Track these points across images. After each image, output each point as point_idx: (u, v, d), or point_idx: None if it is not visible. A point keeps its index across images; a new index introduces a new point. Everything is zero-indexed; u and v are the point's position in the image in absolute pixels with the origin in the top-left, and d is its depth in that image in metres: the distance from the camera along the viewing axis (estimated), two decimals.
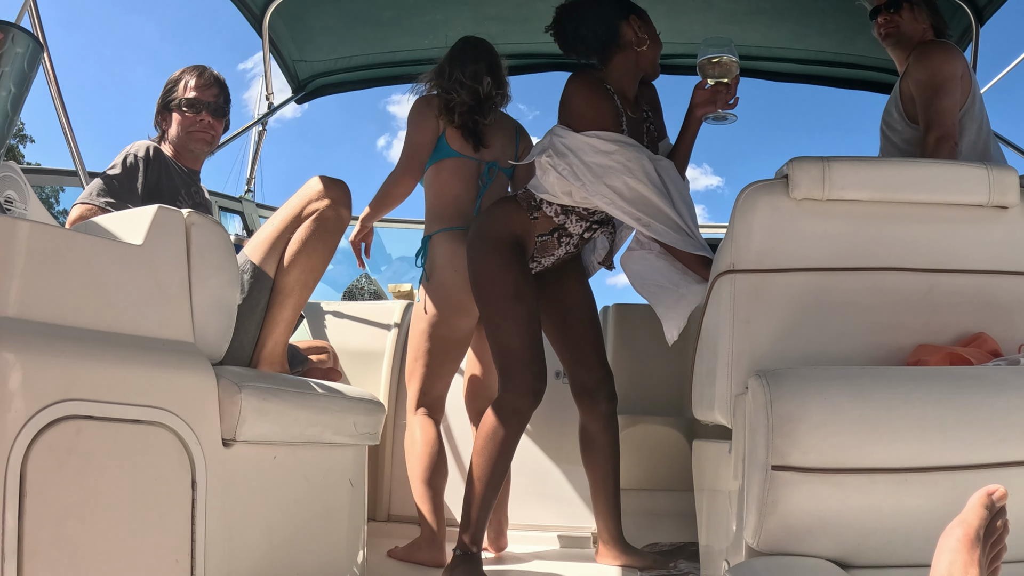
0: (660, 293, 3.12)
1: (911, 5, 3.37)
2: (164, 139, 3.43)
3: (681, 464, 3.80)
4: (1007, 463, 1.96)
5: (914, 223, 2.46)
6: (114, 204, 3.00)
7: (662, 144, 3.37)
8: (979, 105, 3.22)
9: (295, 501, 2.60)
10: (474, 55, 3.70)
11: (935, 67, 3.18)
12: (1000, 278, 2.48)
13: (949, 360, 2.27)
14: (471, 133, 3.59)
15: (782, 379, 2.01)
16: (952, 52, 3.22)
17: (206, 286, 2.29)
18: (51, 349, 1.76)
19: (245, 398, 2.24)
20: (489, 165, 3.61)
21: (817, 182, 2.40)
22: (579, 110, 3.15)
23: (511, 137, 3.74)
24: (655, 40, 3.34)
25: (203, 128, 3.44)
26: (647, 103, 3.40)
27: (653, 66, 3.35)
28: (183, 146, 3.43)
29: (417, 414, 3.58)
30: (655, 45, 3.33)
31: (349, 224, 3.02)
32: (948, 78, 3.15)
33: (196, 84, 3.43)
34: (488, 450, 3.14)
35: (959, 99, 3.15)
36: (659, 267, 3.13)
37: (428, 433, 3.51)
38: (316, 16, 4.84)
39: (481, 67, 3.65)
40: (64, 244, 1.91)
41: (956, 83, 3.15)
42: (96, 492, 1.81)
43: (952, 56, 3.20)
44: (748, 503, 2.03)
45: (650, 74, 3.38)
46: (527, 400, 3.13)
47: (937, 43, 3.29)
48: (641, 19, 3.32)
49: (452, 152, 3.60)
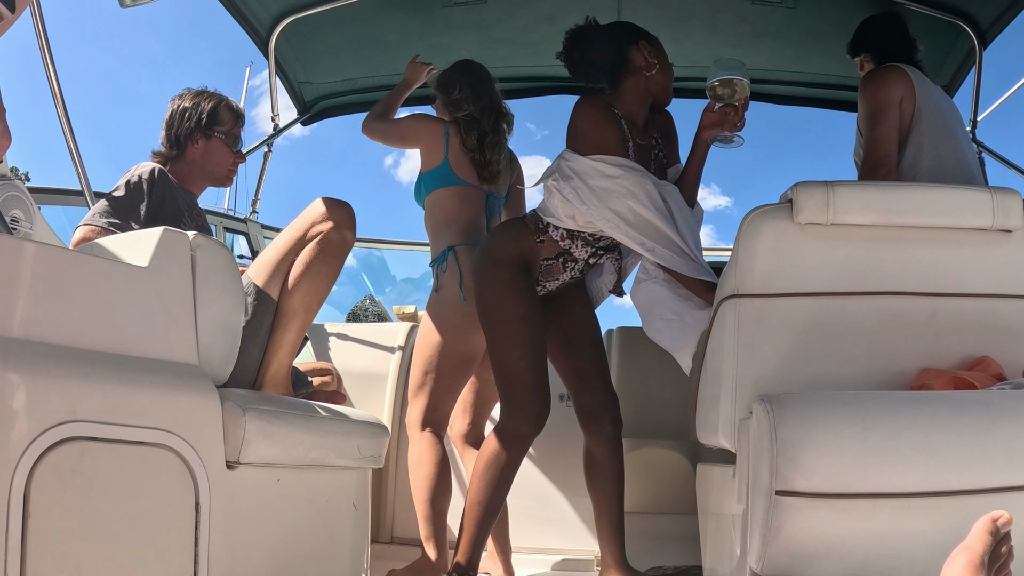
0: (665, 328, 3.11)
1: (864, 52, 3.60)
2: (180, 160, 3.40)
3: (685, 488, 3.79)
4: (1012, 488, 1.95)
5: (918, 247, 2.46)
6: (118, 225, 3.00)
7: (671, 170, 3.37)
8: (926, 125, 3.22)
9: (298, 524, 2.60)
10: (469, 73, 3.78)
11: (868, 97, 3.27)
12: (1004, 302, 2.48)
13: (953, 384, 2.27)
14: (483, 165, 3.61)
15: (786, 404, 2.01)
16: (886, 79, 3.26)
17: (211, 308, 2.29)
18: (56, 370, 1.76)
19: (249, 421, 2.24)
20: (492, 196, 3.63)
21: (821, 206, 2.40)
22: (585, 133, 3.15)
23: (507, 166, 3.76)
24: (665, 65, 3.33)
25: (236, 168, 3.48)
26: (659, 129, 3.39)
27: (664, 91, 3.34)
28: (210, 176, 3.43)
29: (425, 432, 3.51)
30: (665, 70, 3.33)
31: (353, 246, 3.01)
32: (880, 107, 3.21)
33: (235, 118, 3.45)
34: (490, 474, 3.12)
35: (894, 124, 3.20)
36: (663, 297, 3.12)
37: (436, 453, 3.46)
38: (322, 38, 4.86)
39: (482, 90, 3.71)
40: (70, 265, 1.91)
41: (889, 110, 3.20)
42: (100, 513, 1.81)
43: (886, 83, 3.25)
44: (752, 528, 2.03)
45: (661, 99, 3.37)
46: (531, 426, 3.11)
47: (875, 72, 3.34)
48: (651, 44, 3.31)
49: (458, 180, 3.61)
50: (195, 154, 3.39)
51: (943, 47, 4.60)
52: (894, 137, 3.19)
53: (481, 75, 3.79)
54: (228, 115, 3.43)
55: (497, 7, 4.63)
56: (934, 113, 3.21)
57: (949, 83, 4.83)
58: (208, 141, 3.39)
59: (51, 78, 3.27)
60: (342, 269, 3.01)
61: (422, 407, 3.52)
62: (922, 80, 3.27)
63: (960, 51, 4.56)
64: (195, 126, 3.37)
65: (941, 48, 4.61)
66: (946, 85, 4.85)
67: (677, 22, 4.77)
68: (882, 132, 3.19)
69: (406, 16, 4.69)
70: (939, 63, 4.72)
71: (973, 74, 4.62)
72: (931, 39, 4.54)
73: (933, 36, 4.52)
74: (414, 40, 4.89)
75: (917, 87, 3.22)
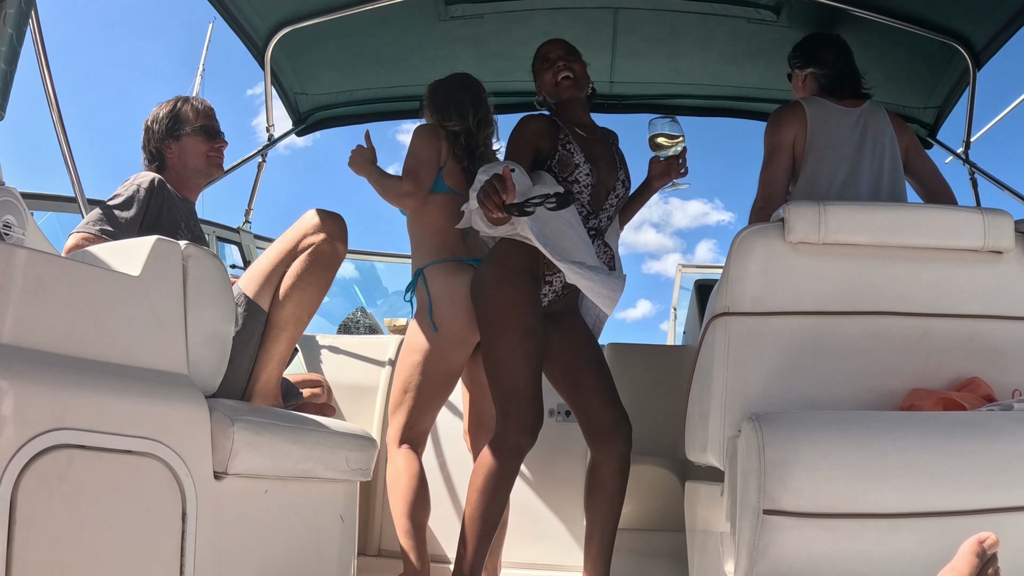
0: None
1: (791, 72, 3.68)
2: (165, 169, 3.42)
3: (674, 505, 3.79)
4: (999, 509, 1.96)
5: (909, 267, 2.47)
6: (111, 233, 3.00)
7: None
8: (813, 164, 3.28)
9: (285, 535, 2.59)
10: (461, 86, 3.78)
11: (765, 139, 3.37)
12: (994, 323, 2.49)
13: (942, 405, 2.28)
14: (468, 172, 3.61)
15: (775, 423, 2.02)
16: (782, 120, 3.35)
17: (201, 318, 2.29)
18: (44, 377, 1.75)
19: (238, 431, 2.23)
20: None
21: (813, 226, 2.41)
22: None
23: None
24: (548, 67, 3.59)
25: (219, 153, 3.49)
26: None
27: (551, 87, 3.58)
28: (195, 173, 3.45)
29: (401, 448, 3.51)
30: (547, 71, 3.59)
31: (345, 258, 3.01)
32: (771, 149, 3.32)
33: (202, 112, 3.46)
34: (489, 487, 3.12)
35: (782, 167, 3.30)
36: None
37: (412, 467, 3.46)
38: (318, 50, 4.87)
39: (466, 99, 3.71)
40: (61, 272, 1.91)
41: (779, 152, 3.30)
42: (86, 522, 1.80)
43: (779, 125, 3.34)
44: (739, 546, 2.03)
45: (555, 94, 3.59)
46: (528, 438, 3.12)
47: (775, 112, 3.42)
48: (540, 57, 3.62)
49: (445, 187, 3.60)
50: (173, 158, 3.43)
51: (937, 68, 4.61)
52: (781, 178, 3.30)
53: (475, 89, 3.80)
54: (190, 111, 3.46)
55: (494, 22, 4.65)
56: (831, 148, 3.27)
57: (942, 104, 4.84)
58: (179, 141, 3.43)
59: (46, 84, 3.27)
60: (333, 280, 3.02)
61: (400, 424, 3.53)
62: (825, 115, 3.32)
63: (954, 72, 4.58)
64: (163, 133, 3.43)
65: (935, 69, 4.63)
66: (939, 106, 4.87)
67: (672, 40, 4.80)
68: (766, 175, 3.30)
69: (402, 29, 4.70)
70: (933, 84, 4.73)
71: (967, 95, 4.64)
72: (925, 60, 4.57)
73: (927, 57, 4.54)
74: (410, 53, 4.90)
75: (811, 124, 3.29)
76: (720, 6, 4.50)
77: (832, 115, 3.30)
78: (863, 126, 3.29)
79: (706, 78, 5.18)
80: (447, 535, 4.03)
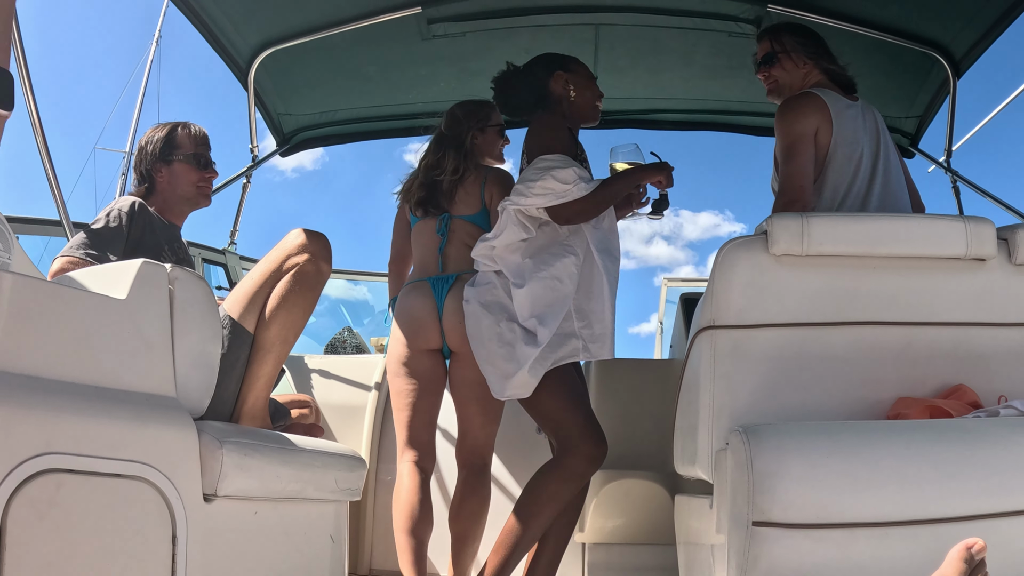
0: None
1: (788, 54, 3.32)
2: (153, 192, 3.42)
3: (663, 518, 3.79)
4: (987, 515, 1.96)
5: (893, 277, 2.48)
6: (96, 257, 3.00)
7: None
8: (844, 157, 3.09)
9: (275, 557, 2.58)
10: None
11: (784, 130, 3.11)
12: (979, 330, 2.50)
13: (929, 413, 2.28)
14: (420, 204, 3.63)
15: (762, 435, 2.02)
16: (803, 109, 3.10)
17: (188, 340, 2.29)
18: (32, 402, 1.75)
19: (226, 453, 2.23)
20: (442, 217, 3.58)
21: (796, 238, 2.42)
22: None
23: (476, 185, 3.67)
24: (584, 86, 3.46)
25: (208, 183, 3.49)
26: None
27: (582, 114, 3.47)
28: (182, 199, 3.44)
29: (404, 460, 3.48)
30: (586, 91, 3.46)
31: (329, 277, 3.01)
32: (795, 140, 3.05)
33: (197, 139, 3.47)
34: (547, 513, 3.14)
35: (809, 157, 3.05)
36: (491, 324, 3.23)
37: (413, 480, 3.41)
38: (301, 70, 4.88)
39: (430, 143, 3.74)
40: (47, 296, 1.90)
41: (804, 144, 3.05)
42: (76, 546, 1.79)
43: (802, 113, 3.09)
44: (729, 559, 2.03)
45: (586, 120, 3.49)
46: (595, 465, 3.16)
47: (791, 101, 3.17)
48: (568, 70, 3.45)
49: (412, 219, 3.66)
50: (163, 183, 3.43)
51: (917, 78, 4.65)
52: (810, 169, 3.05)
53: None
54: (185, 137, 3.46)
55: (475, 40, 4.67)
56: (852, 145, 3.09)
57: (923, 113, 4.88)
58: (170, 167, 3.42)
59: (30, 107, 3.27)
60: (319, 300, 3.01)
61: (402, 437, 3.52)
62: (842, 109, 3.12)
63: (934, 82, 4.61)
64: (156, 156, 3.42)
65: (915, 79, 4.66)
66: (920, 116, 4.90)
67: (654, 55, 4.82)
68: (793, 168, 3.03)
69: (385, 48, 4.71)
70: (914, 94, 4.77)
71: (948, 104, 4.67)
72: (905, 71, 4.60)
73: (907, 68, 4.57)
74: (393, 72, 4.92)
75: (835, 117, 3.08)
76: (700, 20, 4.53)
77: (846, 109, 3.13)
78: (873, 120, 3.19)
79: (688, 92, 5.21)
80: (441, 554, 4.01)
